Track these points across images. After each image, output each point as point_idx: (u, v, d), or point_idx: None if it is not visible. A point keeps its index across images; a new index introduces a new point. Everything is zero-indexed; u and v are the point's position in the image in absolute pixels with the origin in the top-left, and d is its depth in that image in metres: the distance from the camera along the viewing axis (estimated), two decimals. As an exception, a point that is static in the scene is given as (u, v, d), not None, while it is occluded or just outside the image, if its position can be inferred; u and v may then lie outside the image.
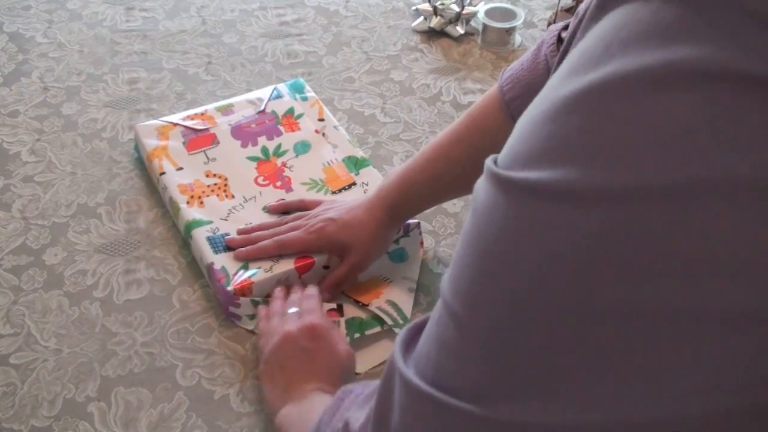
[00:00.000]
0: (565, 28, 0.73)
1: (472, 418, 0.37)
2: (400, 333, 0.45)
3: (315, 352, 0.75)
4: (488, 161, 0.38)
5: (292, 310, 0.81)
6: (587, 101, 0.33)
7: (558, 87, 0.35)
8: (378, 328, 0.85)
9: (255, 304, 0.85)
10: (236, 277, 0.85)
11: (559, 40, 0.73)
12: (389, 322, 0.84)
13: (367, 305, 0.86)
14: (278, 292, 0.85)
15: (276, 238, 0.87)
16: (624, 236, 0.31)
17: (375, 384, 0.49)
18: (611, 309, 0.32)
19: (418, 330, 0.44)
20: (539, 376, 0.35)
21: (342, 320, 0.86)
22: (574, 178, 0.32)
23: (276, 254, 0.87)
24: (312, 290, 0.84)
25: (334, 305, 0.87)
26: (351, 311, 0.87)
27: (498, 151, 0.39)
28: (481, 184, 0.38)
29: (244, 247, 0.87)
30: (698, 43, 0.30)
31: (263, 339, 0.79)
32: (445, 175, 0.83)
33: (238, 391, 0.80)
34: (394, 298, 0.87)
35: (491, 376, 0.36)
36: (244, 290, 0.84)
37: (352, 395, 0.56)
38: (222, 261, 0.87)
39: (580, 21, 0.38)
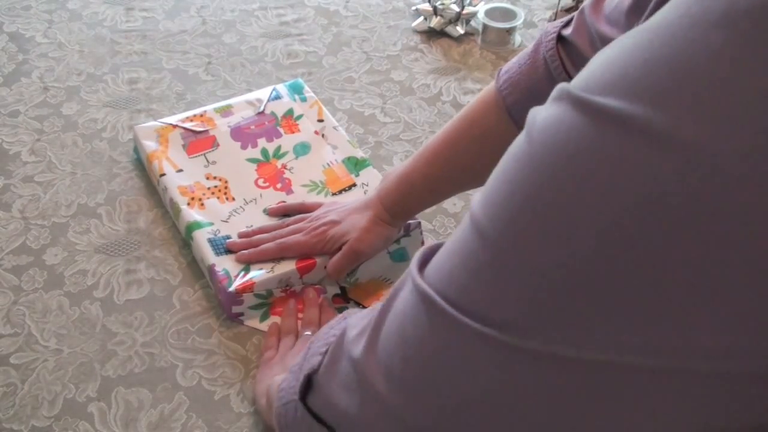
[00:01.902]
0: (566, 25, 0.72)
1: (493, 342, 0.36)
2: (418, 252, 0.43)
3: None
4: (562, 85, 0.35)
5: (307, 332, 0.81)
6: (687, 29, 0.31)
7: (659, 16, 0.33)
8: None
9: (258, 296, 0.86)
10: (238, 278, 0.85)
11: (559, 39, 0.72)
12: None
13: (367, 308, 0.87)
14: (292, 305, 0.86)
15: (278, 241, 0.87)
16: (706, 198, 0.29)
17: (376, 305, 0.48)
18: (677, 263, 0.30)
19: (434, 250, 0.42)
20: (580, 312, 0.33)
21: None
22: (664, 121, 0.30)
23: (278, 257, 0.87)
24: (330, 311, 0.85)
25: (338, 290, 0.88)
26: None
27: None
28: (546, 107, 0.35)
29: (245, 250, 0.87)
30: None
31: (270, 352, 0.80)
32: (443, 177, 0.83)
33: (239, 391, 0.80)
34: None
35: (525, 305, 0.34)
36: (246, 290, 0.85)
37: (356, 314, 0.55)
38: (224, 263, 0.87)
39: None
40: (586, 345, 0.33)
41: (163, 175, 0.97)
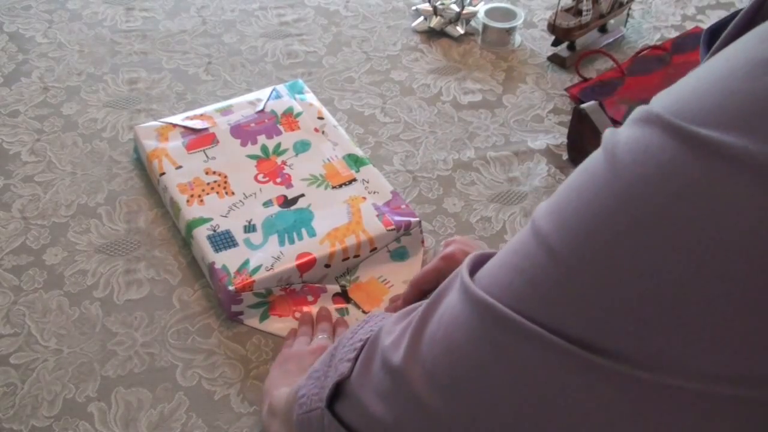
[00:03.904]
0: None
1: (556, 350, 0.35)
2: (467, 258, 0.42)
3: None
4: (647, 108, 0.34)
5: (322, 336, 0.81)
6: None
7: (756, 47, 0.31)
8: None
9: (257, 296, 0.85)
10: (238, 275, 0.85)
11: None
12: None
13: (367, 313, 0.86)
14: (309, 316, 0.86)
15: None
16: None
17: (408, 308, 0.46)
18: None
19: (483, 259, 0.42)
20: (658, 337, 0.32)
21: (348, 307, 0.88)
22: None
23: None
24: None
25: (338, 289, 0.88)
26: (354, 317, 0.87)
27: None
28: (630, 129, 0.34)
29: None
30: None
31: (285, 350, 0.80)
32: None
33: (239, 391, 0.80)
34: (394, 300, 0.87)
35: (596, 324, 0.34)
36: (246, 288, 0.84)
37: (380, 316, 0.53)
38: (223, 259, 0.87)
39: None
40: (656, 368, 0.33)
41: (162, 174, 0.97)
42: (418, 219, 0.93)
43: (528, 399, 0.37)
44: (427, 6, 1.31)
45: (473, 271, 0.41)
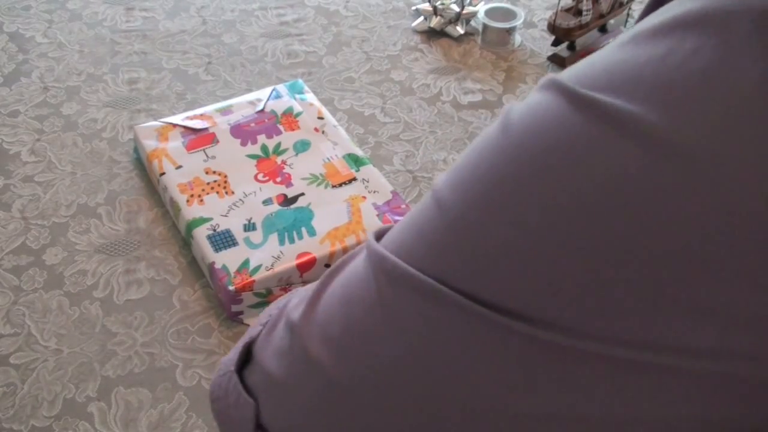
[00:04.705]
0: None
1: (429, 293, 0.36)
2: (376, 229, 0.45)
3: None
4: (550, 75, 0.36)
5: None
6: (660, 32, 0.32)
7: (645, 22, 0.34)
8: None
9: (257, 296, 0.85)
10: (238, 275, 0.85)
11: None
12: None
13: None
14: None
15: None
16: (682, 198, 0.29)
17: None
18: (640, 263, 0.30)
19: (392, 226, 0.44)
20: (526, 286, 0.34)
21: None
22: (650, 117, 0.30)
23: None
24: None
25: None
26: None
27: None
28: (530, 96, 0.37)
29: None
30: None
31: None
32: None
33: (239, 390, 0.80)
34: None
35: (465, 271, 0.35)
36: (246, 288, 0.85)
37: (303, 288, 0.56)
38: (223, 259, 0.87)
39: None
40: (531, 320, 0.34)
41: (162, 174, 0.97)
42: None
43: (411, 349, 0.38)
44: (427, 6, 1.31)
45: (379, 236, 0.43)
